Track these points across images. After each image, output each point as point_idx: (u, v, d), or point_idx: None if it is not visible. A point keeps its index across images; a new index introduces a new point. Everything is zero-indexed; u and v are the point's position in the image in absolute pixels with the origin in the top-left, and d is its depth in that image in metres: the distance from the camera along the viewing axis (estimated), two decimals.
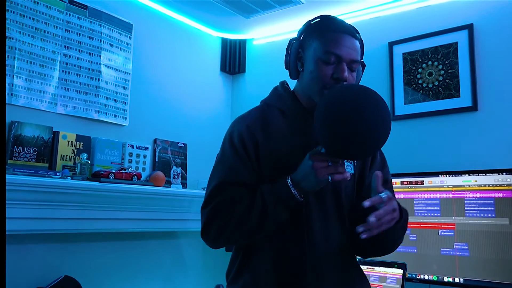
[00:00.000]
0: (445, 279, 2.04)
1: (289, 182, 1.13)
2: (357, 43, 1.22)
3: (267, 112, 1.28)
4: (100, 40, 2.41)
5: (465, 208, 2.04)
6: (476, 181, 2.04)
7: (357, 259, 1.35)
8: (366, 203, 1.07)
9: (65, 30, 2.27)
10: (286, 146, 1.23)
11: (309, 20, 1.28)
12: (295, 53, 1.26)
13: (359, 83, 1.26)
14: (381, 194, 1.10)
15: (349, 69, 1.20)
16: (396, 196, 1.27)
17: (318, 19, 1.26)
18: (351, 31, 1.22)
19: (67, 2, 2.28)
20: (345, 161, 1.12)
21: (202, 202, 1.24)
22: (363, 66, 1.29)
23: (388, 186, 1.35)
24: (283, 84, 1.35)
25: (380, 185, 1.12)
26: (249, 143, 1.22)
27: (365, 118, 1.04)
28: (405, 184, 2.22)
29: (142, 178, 2.36)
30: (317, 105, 1.13)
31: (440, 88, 2.41)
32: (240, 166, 1.21)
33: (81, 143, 2.21)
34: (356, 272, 1.31)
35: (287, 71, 1.30)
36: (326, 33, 1.21)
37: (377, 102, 1.08)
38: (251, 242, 1.26)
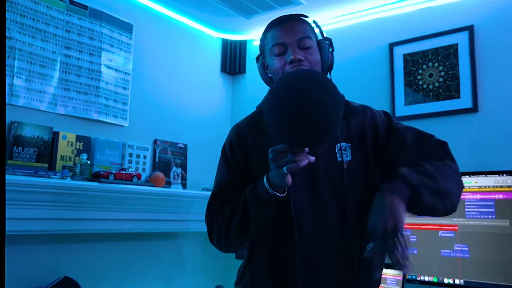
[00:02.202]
0: (445, 280, 2.04)
1: (265, 181, 1.14)
2: (300, 23, 1.26)
3: (258, 117, 1.33)
4: (101, 41, 2.41)
5: (466, 209, 2.03)
6: (476, 182, 2.04)
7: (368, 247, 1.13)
8: (407, 270, 1.00)
9: (66, 30, 2.26)
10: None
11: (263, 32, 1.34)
12: (262, 65, 1.33)
13: (331, 59, 1.28)
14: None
15: (302, 48, 1.23)
16: None
17: (267, 26, 1.31)
18: (291, 17, 1.27)
19: (68, 2, 2.28)
20: (337, 148, 1.18)
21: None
22: (330, 42, 1.29)
23: (409, 136, 1.26)
24: None
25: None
26: (238, 151, 1.30)
27: (306, 98, 1.02)
28: None
29: (142, 179, 2.36)
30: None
31: (440, 90, 2.40)
32: (231, 175, 1.30)
33: (81, 143, 2.21)
34: (352, 262, 1.22)
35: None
36: (269, 33, 1.28)
37: (320, 82, 1.06)
38: (251, 243, 1.32)
